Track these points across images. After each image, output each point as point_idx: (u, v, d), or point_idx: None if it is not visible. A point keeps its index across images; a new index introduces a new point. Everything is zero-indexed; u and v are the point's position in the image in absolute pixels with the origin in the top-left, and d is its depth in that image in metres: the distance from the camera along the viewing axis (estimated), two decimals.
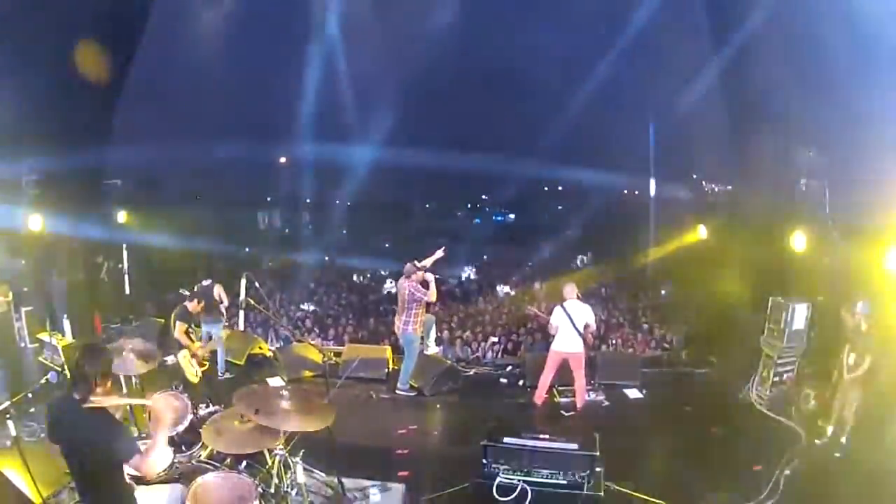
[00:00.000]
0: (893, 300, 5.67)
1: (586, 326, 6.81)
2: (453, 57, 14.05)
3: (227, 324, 8.42)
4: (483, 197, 29.73)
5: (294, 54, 13.72)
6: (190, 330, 6.59)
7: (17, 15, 6.59)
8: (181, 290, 8.55)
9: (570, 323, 6.76)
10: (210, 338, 7.59)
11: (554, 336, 6.95)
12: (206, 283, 7.91)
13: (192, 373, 6.15)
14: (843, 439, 5.73)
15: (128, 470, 3.07)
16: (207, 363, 6.49)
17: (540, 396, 7.08)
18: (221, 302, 7.91)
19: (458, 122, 18.46)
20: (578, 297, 6.97)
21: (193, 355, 6.25)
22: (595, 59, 13.49)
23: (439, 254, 7.77)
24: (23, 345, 7.58)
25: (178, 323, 6.44)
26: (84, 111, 8.27)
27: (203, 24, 11.35)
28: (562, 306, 6.88)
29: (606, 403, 7.27)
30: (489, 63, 16.58)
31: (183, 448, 4.52)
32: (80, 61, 7.66)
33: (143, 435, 4.58)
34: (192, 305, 6.74)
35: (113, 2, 8.44)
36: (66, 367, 6.63)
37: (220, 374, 7.81)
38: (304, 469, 3.96)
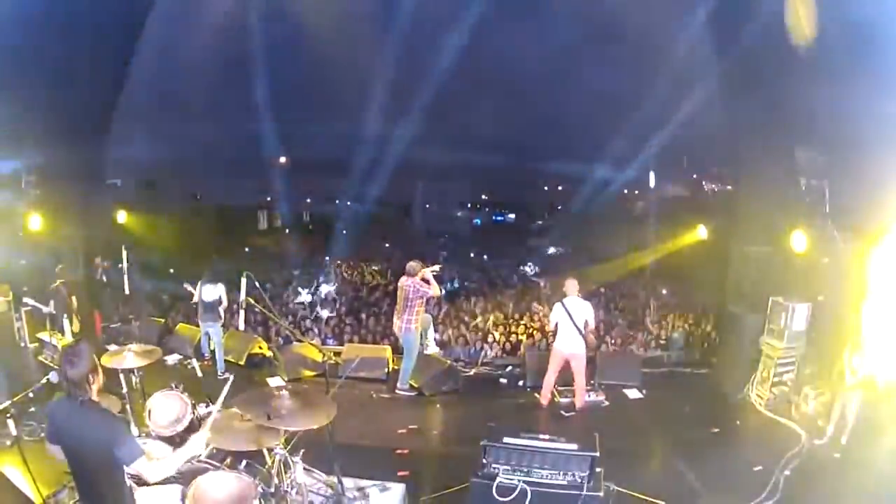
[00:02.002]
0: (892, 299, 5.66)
1: (586, 325, 6.75)
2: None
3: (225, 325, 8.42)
4: (483, 197, 29.69)
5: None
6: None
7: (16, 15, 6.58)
8: (185, 285, 8.57)
9: (570, 320, 6.72)
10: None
11: (554, 334, 6.94)
12: (208, 282, 7.91)
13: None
14: (843, 439, 5.72)
15: (128, 470, 3.07)
16: None
17: (545, 397, 7.06)
18: (221, 303, 7.92)
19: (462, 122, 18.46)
20: (579, 295, 6.94)
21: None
22: (594, 58, 13.49)
23: (436, 268, 7.82)
24: (23, 345, 7.58)
25: (72, 297, 8.12)
26: (85, 109, 8.26)
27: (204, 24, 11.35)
28: (561, 303, 6.82)
29: (606, 403, 7.26)
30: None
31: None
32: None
33: (142, 434, 4.58)
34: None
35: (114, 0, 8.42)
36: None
37: (219, 374, 7.81)
38: (304, 469, 3.95)
